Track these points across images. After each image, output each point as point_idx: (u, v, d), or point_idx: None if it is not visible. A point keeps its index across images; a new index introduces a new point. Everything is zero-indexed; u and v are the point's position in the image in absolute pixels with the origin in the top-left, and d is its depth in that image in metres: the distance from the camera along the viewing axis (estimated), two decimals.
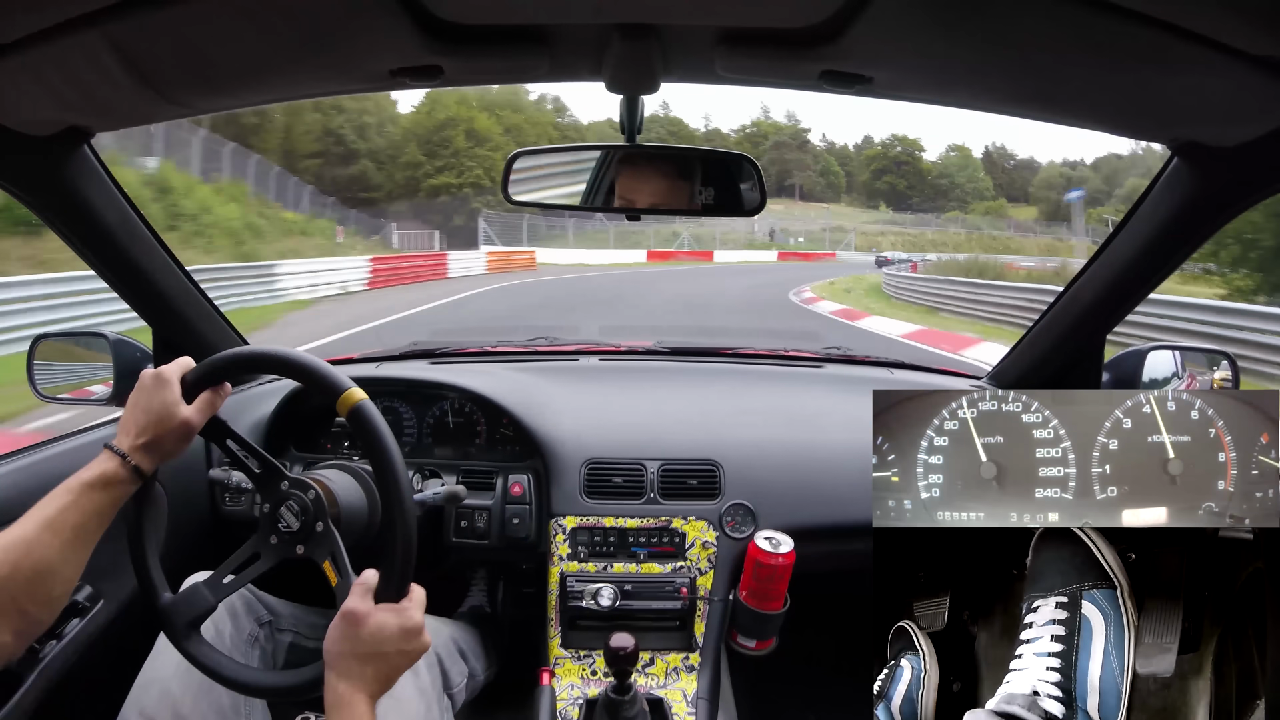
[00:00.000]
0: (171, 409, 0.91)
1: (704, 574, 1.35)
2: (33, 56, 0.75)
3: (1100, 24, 0.69)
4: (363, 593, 0.84)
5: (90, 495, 0.85)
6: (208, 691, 1.01)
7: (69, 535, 0.83)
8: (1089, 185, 59.08)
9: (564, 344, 1.96)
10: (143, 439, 0.90)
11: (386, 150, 37.96)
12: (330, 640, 0.83)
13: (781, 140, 58.75)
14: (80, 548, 0.85)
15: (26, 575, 0.80)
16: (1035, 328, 1.53)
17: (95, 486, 0.86)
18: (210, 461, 1.47)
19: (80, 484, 0.85)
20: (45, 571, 0.82)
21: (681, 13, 0.79)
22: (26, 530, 0.81)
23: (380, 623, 0.82)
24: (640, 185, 1.10)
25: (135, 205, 1.22)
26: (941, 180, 59.63)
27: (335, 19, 0.77)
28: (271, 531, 0.95)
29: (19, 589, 0.80)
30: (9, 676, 1.08)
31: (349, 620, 0.82)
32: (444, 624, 1.33)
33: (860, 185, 59.75)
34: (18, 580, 0.79)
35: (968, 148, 63.17)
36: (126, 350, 1.39)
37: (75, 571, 0.85)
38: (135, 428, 0.90)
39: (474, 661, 1.34)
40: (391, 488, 0.88)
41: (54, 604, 0.85)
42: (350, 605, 0.83)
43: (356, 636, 0.81)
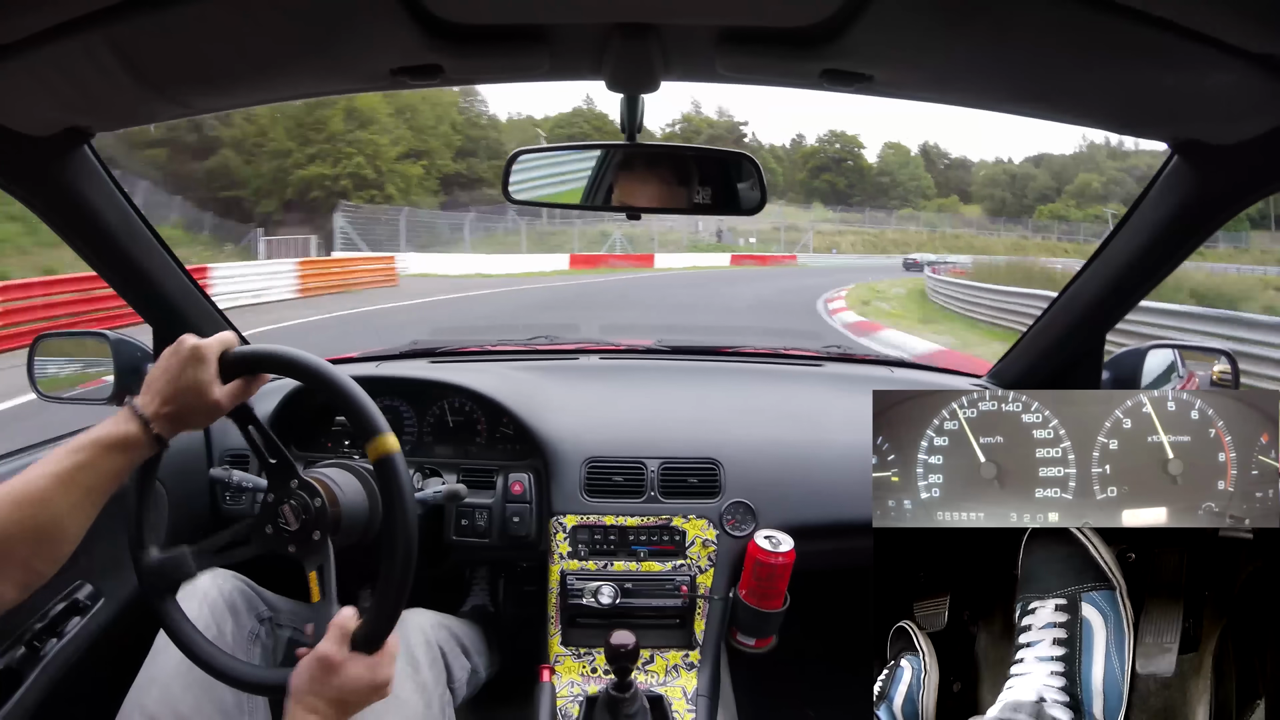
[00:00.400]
0: (204, 387, 0.88)
1: (704, 572, 1.35)
2: (33, 57, 0.75)
3: (1100, 22, 0.69)
4: (340, 638, 0.84)
5: (108, 457, 0.83)
6: (209, 690, 1.01)
7: (81, 495, 0.81)
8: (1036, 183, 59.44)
9: (564, 343, 1.96)
10: (168, 408, 0.87)
11: (254, 138, 29.59)
12: (299, 677, 0.83)
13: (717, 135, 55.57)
14: (91, 508, 0.83)
15: (33, 531, 0.78)
16: (1036, 326, 1.53)
17: (113, 449, 0.83)
18: (211, 460, 1.48)
19: (98, 445, 0.83)
20: (53, 529, 0.80)
21: (682, 12, 0.79)
22: (37, 485, 0.79)
23: (353, 675, 0.83)
24: (640, 184, 1.10)
25: (135, 205, 1.22)
26: (883, 178, 58.53)
27: (335, 18, 0.77)
28: (268, 522, 0.95)
29: (25, 544, 0.78)
30: (10, 675, 1.08)
31: (322, 666, 0.83)
32: (447, 619, 1.33)
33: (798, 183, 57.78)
34: (24, 536, 0.78)
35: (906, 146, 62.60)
36: (127, 350, 1.40)
37: (82, 529, 0.83)
38: (162, 395, 0.87)
39: (476, 658, 1.34)
40: (397, 540, 0.88)
41: (59, 560, 0.82)
42: (326, 651, 0.83)
43: (326, 682, 0.82)
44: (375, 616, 0.87)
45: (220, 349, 0.90)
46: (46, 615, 1.16)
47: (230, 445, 1.49)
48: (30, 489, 0.79)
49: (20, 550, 0.78)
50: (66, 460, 0.81)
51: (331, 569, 0.93)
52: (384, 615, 0.87)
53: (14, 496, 0.78)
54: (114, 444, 0.83)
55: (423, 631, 1.22)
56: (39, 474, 0.80)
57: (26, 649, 1.11)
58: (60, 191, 1.09)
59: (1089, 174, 56.23)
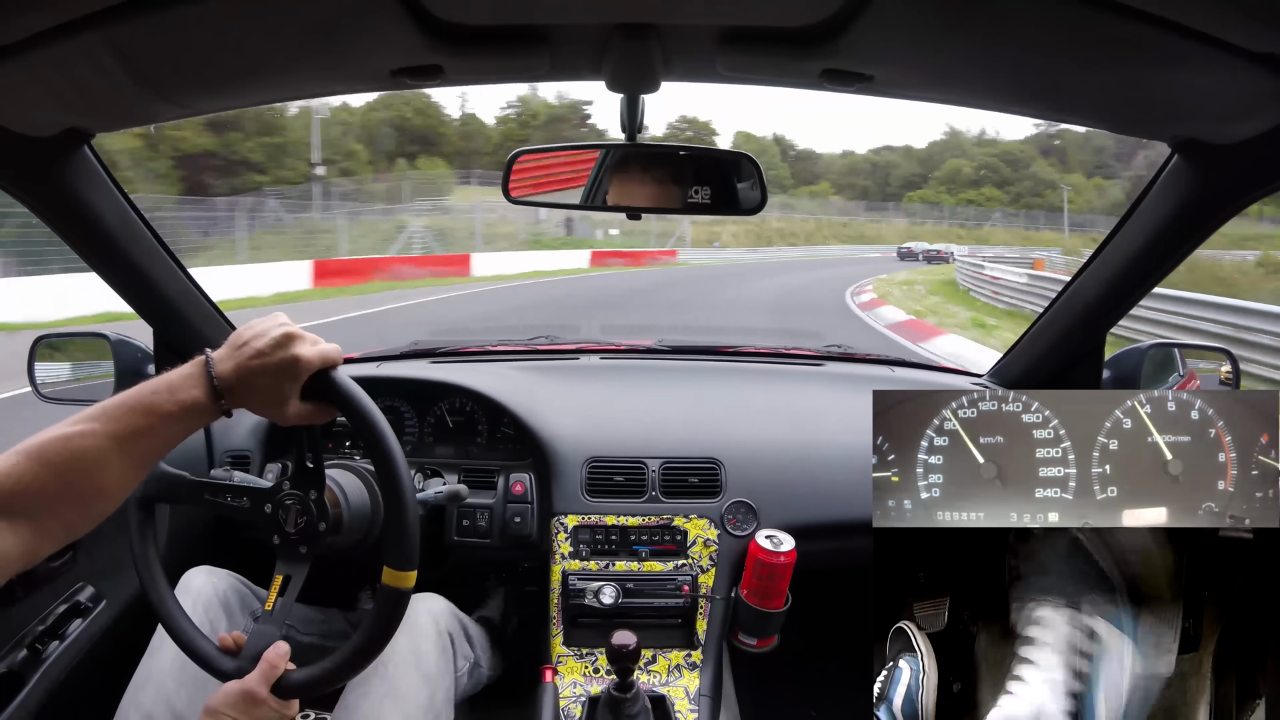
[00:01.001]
0: (284, 398, 0.83)
1: (705, 572, 1.36)
2: (33, 58, 0.75)
3: (1100, 22, 0.69)
4: (267, 677, 0.86)
5: (170, 426, 0.78)
6: (204, 688, 1.02)
7: (138, 460, 0.77)
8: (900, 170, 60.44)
9: (565, 343, 1.96)
10: (243, 386, 0.80)
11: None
12: (217, 700, 0.85)
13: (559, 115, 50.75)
14: (141, 472, 0.79)
15: (82, 492, 0.74)
16: (1036, 324, 1.53)
17: (178, 418, 0.78)
18: (212, 461, 1.48)
19: (163, 413, 0.77)
20: (103, 491, 0.76)
21: (682, 12, 0.79)
22: (92, 445, 0.74)
23: (267, 716, 0.86)
24: (640, 185, 1.10)
25: (136, 206, 1.22)
26: None
27: (336, 19, 0.77)
28: (271, 501, 0.94)
29: (70, 504, 0.74)
30: (12, 678, 1.08)
31: (245, 699, 0.85)
32: (456, 609, 1.33)
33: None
34: (72, 498, 0.74)
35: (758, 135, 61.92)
36: (127, 351, 1.40)
37: (126, 493, 0.79)
38: (242, 371, 0.80)
39: (480, 651, 1.34)
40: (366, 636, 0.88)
41: (100, 518, 0.78)
42: (252, 688, 0.85)
43: (245, 711, 0.85)
44: (317, 676, 0.88)
45: (321, 365, 0.84)
46: (48, 618, 1.16)
47: (231, 445, 1.49)
48: (82, 448, 0.74)
49: (63, 510, 0.74)
50: (126, 421, 0.76)
51: (297, 587, 0.93)
52: (325, 679, 0.89)
53: (63, 454, 0.73)
54: (177, 413, 0.78)
55: (433, 618, 1.21)
56: (93, 431, 0.74)
57: (28, 651, 1.11)
58: (60, 192, 1.09)
59: (958, 160, 57.10)
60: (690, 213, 1.11)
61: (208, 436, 1.50)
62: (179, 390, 0.78)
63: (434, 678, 1.14)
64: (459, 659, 1.24)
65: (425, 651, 1.15)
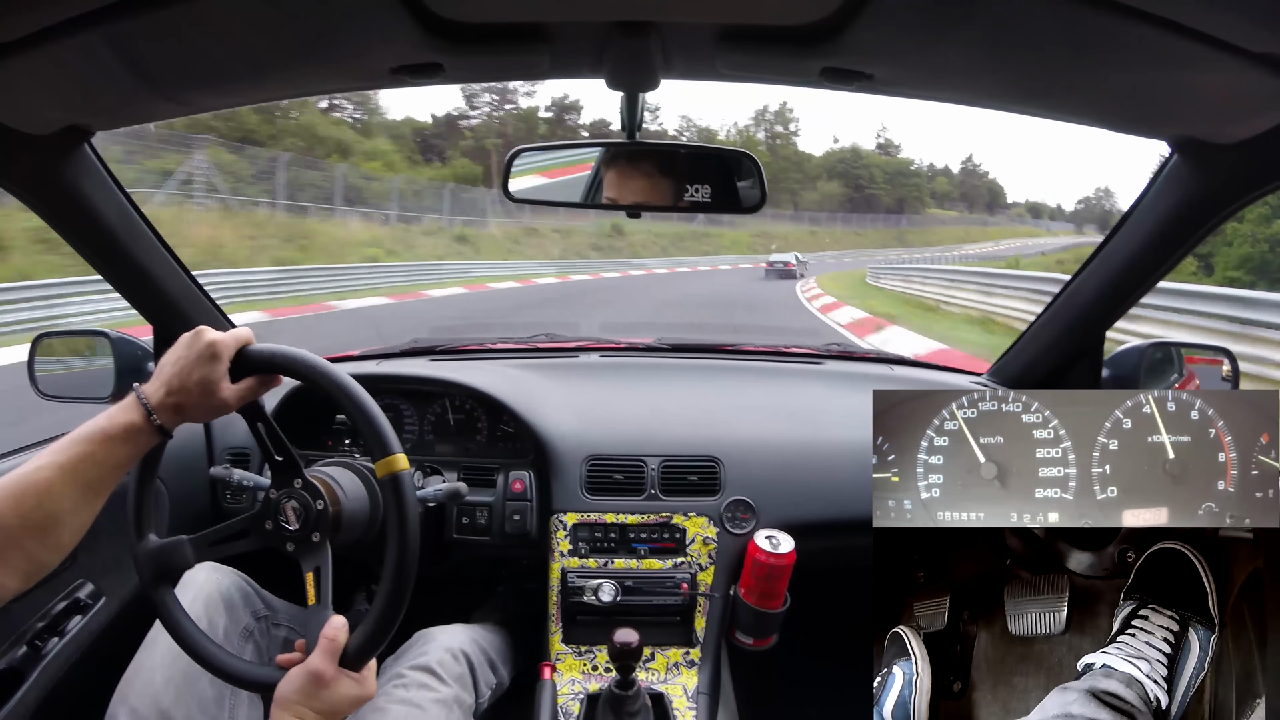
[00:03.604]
0: (214, 384, 0.88)
1: (704, 570, 1.36)
2: (33, 55, 0.75)
3: (1100, 21, 0.68)
4: (331, 652, 0.85)
5: (112, 448, 0.83)
6: (193, 683, 1.02)
7: (85, 487, 0.81)
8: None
9: (564, 341, 1.96)
10: (174, 399, 0.86)
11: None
12: (288, 687, 0.84)
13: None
14: (94, 498, 0.83)
15: (38, 522, 0.79)
16: (1036, 323, 1.53)
17: (116, 439, 0.83)
18: (212, 459, 1.48)
19: (102, 435, 0.83)
20: (58, 519, 0.80)
21: (682, 10, 0.78)
22: (40, 476, 0.79)
23: (342, 691, 0.84)
24: (640, 183, 1.10)
25: (136, 204, 1.22)
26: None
27: (335, 18, 0.77)
28: (269, 518, 0.95)
29: (28, 535, 0.78)
30: (12, 675, 1.08)
31: (313, 680, 0.83)
32: (474, 631, 1.33)
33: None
34: (27, 527, 0.78)
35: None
36: (127, 348, 1.40)
37: (87, 520, 0.83)
38: (169, 385, 0.86)
39: (501, 669, 1.34)
40: (396, 557, 0.89)
41: (62, 550, 0.83)
42: (317, 667, 0.84)
43: (315, 695, 0.83)
44: (369, 633, 0.88)
45: (236, 346, 0.90)
46: (48, 614, 1.16)
47: (231, 443, 1.49)
48: (33, 480, 0.79)
49: (24, 541, 0.78)
50: (70, 451, 0.81)
51: (329, 572, 0.93)
52: (377, 632, 0.88)
53: (17, 487, 0.78)
54: (117, 434, 0.83)
55: (448, 649, 1.21)
56: (43, 464, 0.79)
57: (28, 648, 1.11)
58: (60, 190, 1.09)
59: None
60: (690, 210, 1.11)
61: (208, 434, 1.50)
62: (116, 416, 0.84)
63: (449, 702, 1.14)
64: (482, 685, 1.25)
65: (441, 675, 1.16)
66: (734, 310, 13.51)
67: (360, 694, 0.86)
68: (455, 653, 1.21)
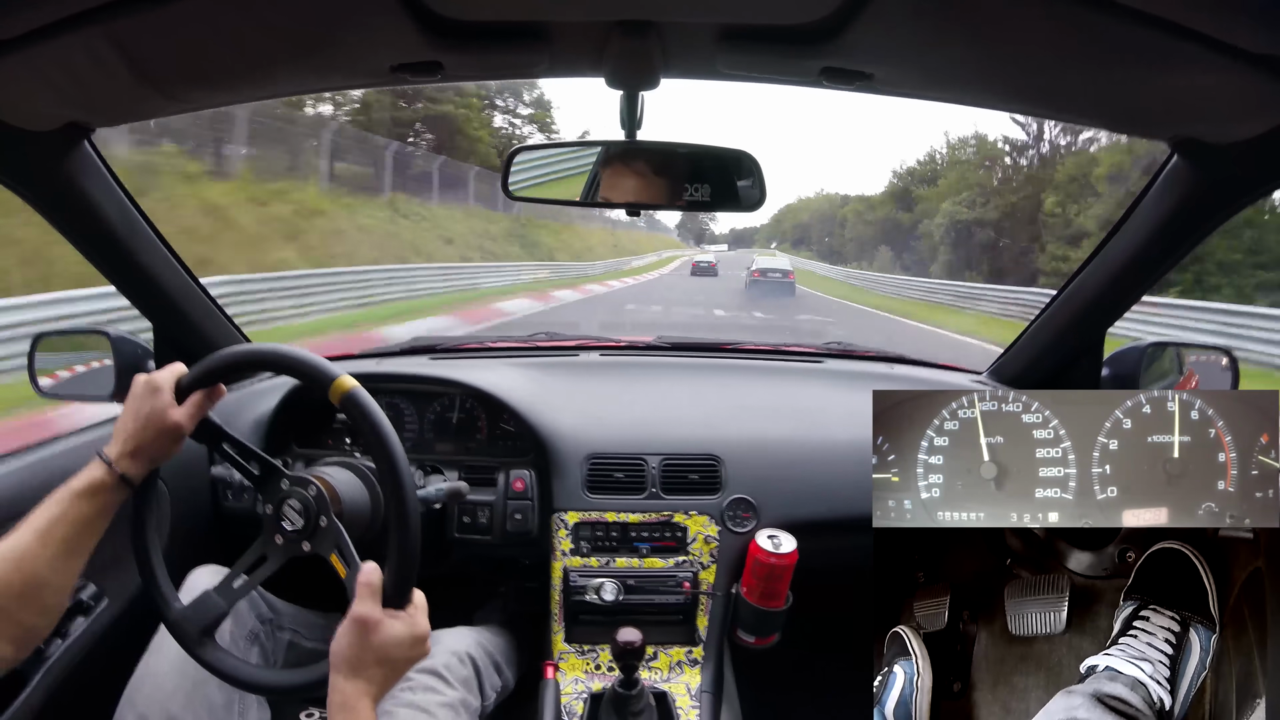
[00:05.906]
0: (161, 414, 0.91)
1: (706, 568, 1.36)
2: (33, 53, 0.75)
3: (1100, 22, 0.68)
4: (371, 596, 0.83)
5: (78, 504, 0.86)
6: (200, 687, 1.02)
7: (58, 546, 0.84)
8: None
9: (564, 339, 1.95)
10: (130, 445, 0.90)
11: None
12: (340, 643, 0.82)
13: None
14: (70, 557, 0.85)
15: (19, 588, 0.81)
16: (1036, 323, 1.53)
17: (83, 495, 0.86)
18: (212, 459, 1.48)
19: (69, 493, 0.86)
20: (38, 583, 0.82)
21: (682, 9, 0.78)
22: (18, 542, 0.82)
23: (391, 631, 0.82)
24: (640, 181, 1.10)
25: (136, 202, 1.21)
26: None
27: (335, 16, 0.77)
28: (276, 531, 0.95)
29: (12, 601, 0.81)
30: (14, 676, 1.08)
31: (361, 627, 0.81)
32: (479, 633, 1.33)
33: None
34: (10, 593, 0.81)
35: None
36: (127, 348, 1.39)
37: (69, 580, 0.86)
38: (124, 434, 0.90)
39: (507, 670, 1.33)
40: (392, 474, 0.87)
41: (50, 612, 0.86)
42: (362, 612, 0.82)
43: (367, 643, 0.81)
44: (396, 564, 0.85)
45: (174, 378, 0.94)
46: None
47: None
48: (9, 546, 0.82)
49: (14, 611, 0.81)
50: (43, 515, 0.84)
51: (348, 542, 0.93)
52: (404, 562, 0.85)
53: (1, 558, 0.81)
54: (83, 491, 0.86)
55: (454, 651, 1.21)
56: (22, 530, 0.83)
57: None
58: (60, 187, 1.08)
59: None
60: (689, 209, 1.11)
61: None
62: (82, 475, 0.88)
63: (456, 705, 1.14)
64: (488, 687, 1.25)
65: (447, 679, 1.15)
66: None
67: (413, 632, 0.84)
68: (461, 656, 1.21)
